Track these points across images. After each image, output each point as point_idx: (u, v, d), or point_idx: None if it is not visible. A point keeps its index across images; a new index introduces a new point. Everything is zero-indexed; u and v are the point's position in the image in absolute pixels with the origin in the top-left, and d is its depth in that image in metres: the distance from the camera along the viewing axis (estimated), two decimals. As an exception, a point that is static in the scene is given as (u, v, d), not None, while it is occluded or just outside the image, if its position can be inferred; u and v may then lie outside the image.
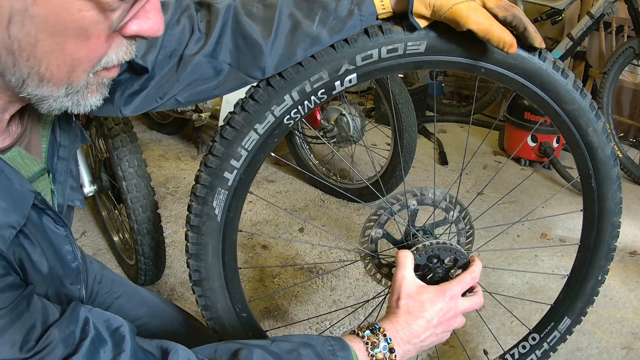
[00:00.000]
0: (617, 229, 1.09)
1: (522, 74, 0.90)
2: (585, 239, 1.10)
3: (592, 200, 1.05)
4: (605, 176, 1.01)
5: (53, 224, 0.69)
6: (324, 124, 2.30)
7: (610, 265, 1.14)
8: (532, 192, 2.66)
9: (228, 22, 0.81)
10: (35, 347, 0.57)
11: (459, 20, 0.77)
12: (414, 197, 1.02)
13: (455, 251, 0.96)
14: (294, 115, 0.87)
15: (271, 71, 0.83)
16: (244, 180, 0.89)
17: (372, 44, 0.83)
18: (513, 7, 0.81)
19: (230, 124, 0.87)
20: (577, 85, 0.93)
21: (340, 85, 0.86)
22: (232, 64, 0.82)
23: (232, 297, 0.98)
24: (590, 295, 1.16)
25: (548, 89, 0.92)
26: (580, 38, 2.86)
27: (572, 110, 0.94)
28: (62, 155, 0.76)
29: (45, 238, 0.67)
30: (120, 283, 1.08)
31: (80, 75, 0.58)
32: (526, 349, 1.22)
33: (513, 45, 0.80)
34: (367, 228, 1.03)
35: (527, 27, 0.81)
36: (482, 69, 0.88)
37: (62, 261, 0.71)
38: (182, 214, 2.34)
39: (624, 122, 3.25)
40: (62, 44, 0.54)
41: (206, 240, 0.91)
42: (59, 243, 0.70)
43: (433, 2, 0.78)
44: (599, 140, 0.98)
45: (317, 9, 0.80)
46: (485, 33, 0.78)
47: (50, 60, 0.54)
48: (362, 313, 1.78)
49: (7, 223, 0.58)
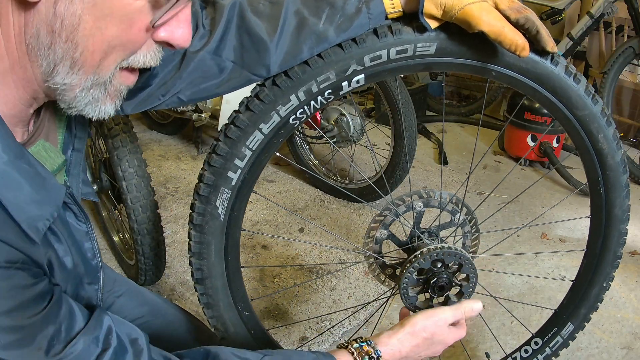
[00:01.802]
0: (624, 236, 1.07)
1: (534, 77, 0.88)
2: (591, 246, 1.09)
3: (600, 207, 1.02)
4: (614, 183, 0.99)
5: (75, 219, 0.69)
6: (324, 124, 2.30)
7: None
8: (532, 192, 2.66)
9: (233, 19, 0.80)
10: (61, 352, 0.58)
11: (470, 21, 0.75)
12: (420, 199, 1.01)
13: (460, 256, 0.95)
14: (299, 116, 0.86)
15: (276, 69, 0.81)
16: (247, 180, 0.88)
17: (381, 44, 0.81)
18: (526, 10, 0.79)
19: (234, 123, 0.86)
20: (589, 91, 0.91)
21: (348, 85, 0.85)
22: (236, 62, 0.81)
23: (234, 295, 0.98)
24: (594, 301, 1.14)
25: (559, 93, 0.90)
26: (580, 38, 2.86)
27: (583, 116, 0.92)
28: (77, 147, 0.76)
29: (69, 234, 0.68)
30: (121, 282, 1.08)
31: (109, 65, 0.59)
32: (528, 353, 1.21)
33: (525, 49, 0.78)
34: (372, 229, 1.03)
35: (540, 30, 0.79)
36: (492, 72, 0.86)
37: (83, 258, 0.72)
38: (182, 214, 2.34)
39: (624, 122, 3.25)
40: (104, 28, 0.55)
41: (209, 239, 0.91)
42: (81, 239, 0.71)
43: (444, 3, 0.76)
44: (610, 147, 0.96)
45: (324, 7, 0.79)
46: (497, 35, 0.76)
47: (87, 45, 0.55)
48: (362, 313, 1.78)
49: (42, 216, 0.59)
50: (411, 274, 0.96)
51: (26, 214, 0.57)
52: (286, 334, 1.69)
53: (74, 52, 0.55)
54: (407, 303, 1.00)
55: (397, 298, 1.93)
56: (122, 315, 1.00)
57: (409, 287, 0.98)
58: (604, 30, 3.10)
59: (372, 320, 1.72)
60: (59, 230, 0.65)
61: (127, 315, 1.02)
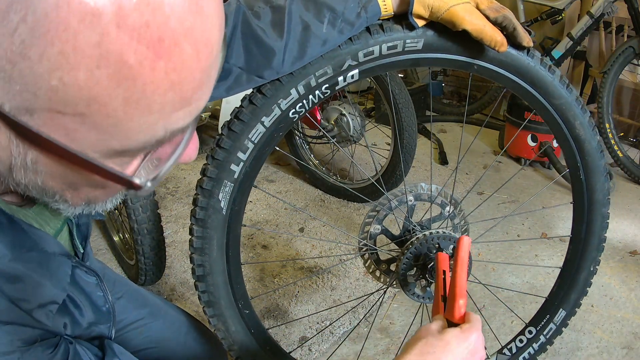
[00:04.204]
0: (606, 219, 1.12)
1: (513, 70, 0.94)
2: (576, 231, 1.13)
3: (581, 192, 1.08)
4: (593, 168, 1.05)
5: (85, 274, 0.69)
6: (324, 124, 2.30)
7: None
8: (532, 192, 2.66)
9: (238, 25, 0.82)
10: None
11: (455, 21, 0.83)
12: (410, 193, 1.05)
13: (454, 238, 0.99)
14: (299, 109, 0.90)
15: (286, 72, 0.86)
16: (249, 173, 0.91)
17: (373, 40, 0.87)
18: (503, 9, 0.86)
19: (238, 116, 0.89)
20: (564, 81, 0.98)
21: (343, 80, 0.89)
22: (243, 67, 0.84)
23: (234, 293, 0.99)
24: (583, 286, 1.19)
25: (537, 85, 0.96)
26: (580, 38, 2.86)
27: (559, 104, 0.98)
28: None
29: (81, 291, 0.68)
30: (121, 283, 1.08)
31: (99, 202, 0.54)
32: (523, 342, 1.24)
33: (504, 44, 0.86)
34: (367, 224, 1.07)
35: (516, 27, 0.87)
36: (475, 66, 0.93)
37: (95, 307, 0.72)
38: (182, 214, 2.34)
39: (624, 122, 3.25)
40: (75, 190, 0.50)
41: (211, 233, 0.93)
42: (91, 291, 0.70)
43: (431, 4, 0.83)
44: (586, 133, 1.01)
45: (326, 12, 0.82)
46: (479, 33, 0.84)
47: (64, 194, 0.50)
48: (362, 312, 1.78)
49: (50, 300, 0.57)
50: (409, 260, 1.00)
51: (34, 304, 0.55)
52: (286, 333, 1.69)
53: (52, 196, 0.50)
54: (406, 290, 1.03)
55: (398, 298, 1.93)
56: (122, 317, 1.01)
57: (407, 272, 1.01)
58: (604, 30, 3.10)
59: (370, 320, 1.72)
60: (71, 291, 0.64)
61: (127, 317, 1.02)
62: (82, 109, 0.39)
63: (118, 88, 0.38)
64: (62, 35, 0.35)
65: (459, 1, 0.82)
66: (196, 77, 0.42)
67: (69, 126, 0.40)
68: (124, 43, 0.37)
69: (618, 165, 2.80)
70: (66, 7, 0.35)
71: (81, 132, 0.41)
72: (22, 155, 0.43)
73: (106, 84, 0.38)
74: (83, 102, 0.38)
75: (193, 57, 0.41)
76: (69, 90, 0.37)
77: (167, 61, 0.39)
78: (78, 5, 0.35)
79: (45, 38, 0.35)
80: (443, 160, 2.97)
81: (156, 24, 0.37)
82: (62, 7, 0.35)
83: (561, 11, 2.91)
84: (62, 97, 0.38)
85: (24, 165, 0.44)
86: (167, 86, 0.40)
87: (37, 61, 0.36)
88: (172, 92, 0.41)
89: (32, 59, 0.36)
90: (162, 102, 0.41)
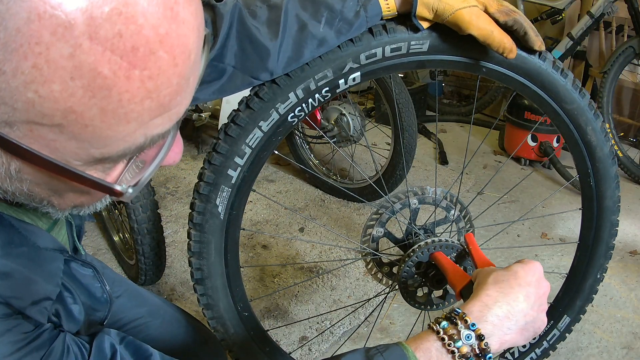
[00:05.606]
0: (615, 227, 1.09)
1: (523, 73, 0.90)
2: (584, 238, 1.11)
3: (591, 199, 1.05)
4: (603, 174, 1.02)
5: (81, 267, 0.69)
6: (324, 124, 2.30)
7: (610, 265, 1.14)
8: (532, 192, 2.66)
9: (233, 24, 0.80)
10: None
11: (461, 25, 0.79)
12: (415, 196, 1.03)
13: (457, 248, 0.96)
14: (298, 113, 0.87)
15: (279, 73, 0.83)
16: (247, 178, 0.89)
17: (376, 42, 0.84)
18: (514, 12, 0.82)
19: (234, 121, 0.86)
20: (576, 85, 0.94)
21: (345, 83, 0.86)
22: (237, 67, 0.82)
23: (233, 295, 0.98)
24: (589, 293, 1.16)
25: (548, 88, 0.92)
26: (581, 37, 2.86)
27: (571, 109, 0.95)
28: None
29: (78, 285, 0.68)
30: (121, 282, 1.08)
31: (85, 206, 0.55)
32: (526, 347, 1.23)
33: (513, 51, 0.82)
34: (369, 227, 1.04)
35: (528, 31, 0.83)
36: (483, 69, 0.89)
37: (93, 297, 0.72)
38: (182, 214, 2.34)
39: (624, 122, 3.25)
40: (60, 197, 0.50)
41: (209, 238, 0.91)
42: (88, 282, 0.71)
43: (436, 6, 0.79)
44: (598, 139, 0.98)
45: (323, 10, 0.79)
46: (486, 38, 0.80)
47: (51, 200, 0.50)
48: (363, 313, 1.78)
49: (44, 296, 0.57)
50: (410, 267, 0.98)
51: (27, 301, 0.54)
52: (286, 333, 1.69)
53: (40, 202, 0.50)
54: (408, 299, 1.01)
55: (398, 298, 1.92)
56: (121, 316, 1.00)
57: (408, 278, 0.99)
58: (604, 30, 3.10)
59: (371, 320, 1.72)
60: (66, 281, 0.64)
61: (126, 316, 1.02)
62: (59, 120, 0.39)
63: (93, 98, 0.38)
64: (34, 49, 0.36)
65: (465, 4, 0.79)
66: (174, 83, 0.42)
67: (48, 137, 0.40)
68: (97, 54, 0.37)
69: (618, 165, 2.80)
70: (37, 21, 0.35)
71: (61, 142, 0.41)
72: (6, 165, 0.43)
73: (81, 94, 0.38)
74: (59, 113, 0.39)
75: (170, 63, 0.41)
76: (44, 103, 0.38)
77: (142, 69, 0.39)
78: (50, 18, 0.35)
79: (18, 53, 0.36)
80: (443, 160, 2.97)
81: (129, 33, 0.37)
82: (33, 21, 0.35)
83: (561, 11, 2.91)
84: (39, 110, 0.38)
85: (8, 174, 0.44)
86: (143, 94, 0.40)
87: (12, 75, 0.36)
88: (149, 99, 0.41)
89: (7, 74, 0.36)
90: (139, 110, 0.41)
